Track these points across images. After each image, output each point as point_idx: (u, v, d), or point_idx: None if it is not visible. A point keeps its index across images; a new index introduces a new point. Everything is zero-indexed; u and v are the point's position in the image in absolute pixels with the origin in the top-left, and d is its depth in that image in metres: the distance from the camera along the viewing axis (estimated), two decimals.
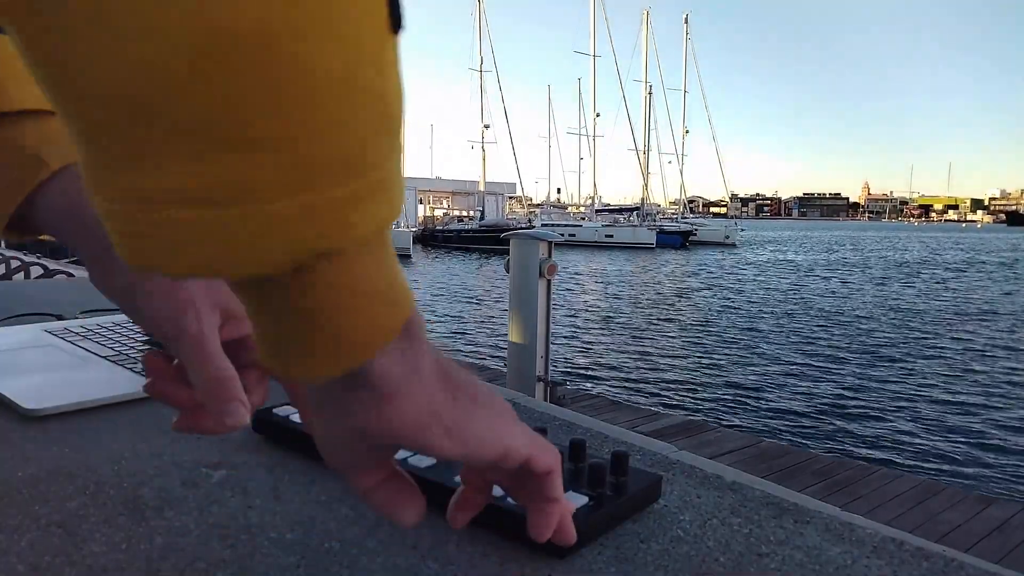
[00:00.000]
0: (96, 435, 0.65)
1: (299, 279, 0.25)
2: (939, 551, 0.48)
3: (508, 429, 0.35)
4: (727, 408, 6.73)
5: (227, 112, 0.20)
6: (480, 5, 42.42)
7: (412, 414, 0.31)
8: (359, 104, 0.22)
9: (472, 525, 0.49)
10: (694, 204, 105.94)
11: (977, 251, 41.11)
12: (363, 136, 0.23)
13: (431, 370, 0.32)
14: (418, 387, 0.31)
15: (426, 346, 0.32)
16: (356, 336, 0.27)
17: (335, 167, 0.22)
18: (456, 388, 0.33)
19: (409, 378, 0.31)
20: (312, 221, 0.23)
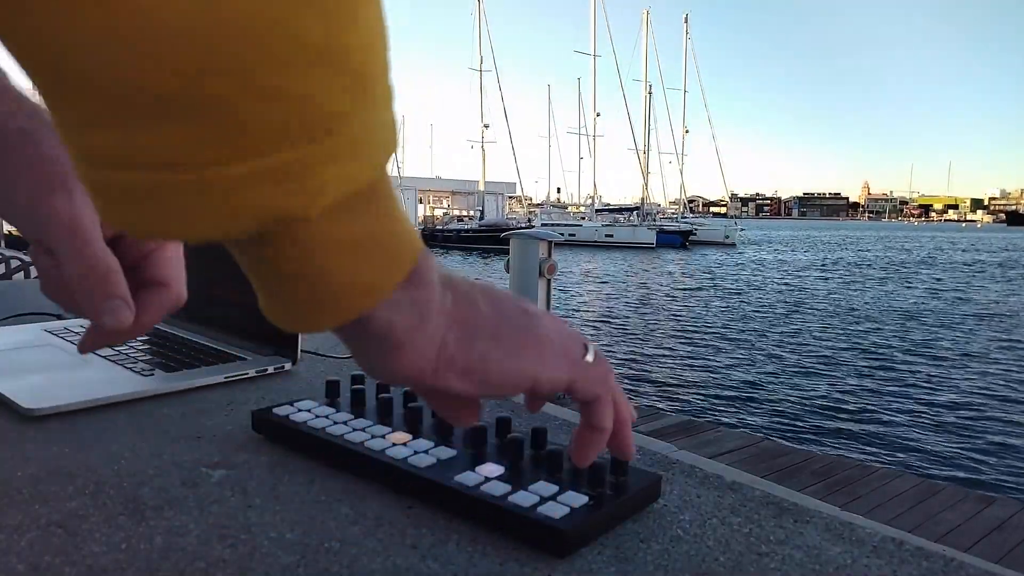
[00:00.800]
0: (96, 435, 0.65)
1: (276, 240, 0.25)
2: (939, 551, 0.48)
3: (537, 359, 0.35)
4: (727, 408, 6.73)
5: (167, 78, 0.20)
6: (480, 5, 42.42)
7: (420, 362, 0.31)
8: (315, 64, 0.21)
9: (472, 525, 0.49)
10: (694, 204, 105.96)
11: (977, 251, 41.13)
12: (321, 97, 0.22)
13: (442, 315, 0.31)
14: (424, 336, 0.31)
15: (435, 291, 0.31)
16: (347, 290, 0.27)
17: (289, 131, 0.22)
18: (474, 328, 0.33)
19: (415, 327, 0.30)
20: (266, 186, 0.22)
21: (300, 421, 0.63)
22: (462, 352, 0.32)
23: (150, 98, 0.20)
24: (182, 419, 0.70)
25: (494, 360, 0.33)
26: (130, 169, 0.22)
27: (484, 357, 0.33)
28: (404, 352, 0.31)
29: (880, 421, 6.37)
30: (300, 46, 0.21)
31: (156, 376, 0.81)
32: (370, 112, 0.24)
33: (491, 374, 0.33)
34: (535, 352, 0.35)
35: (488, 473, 0.52)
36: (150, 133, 0.21)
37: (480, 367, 0.33)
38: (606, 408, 0.38)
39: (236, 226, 0.23)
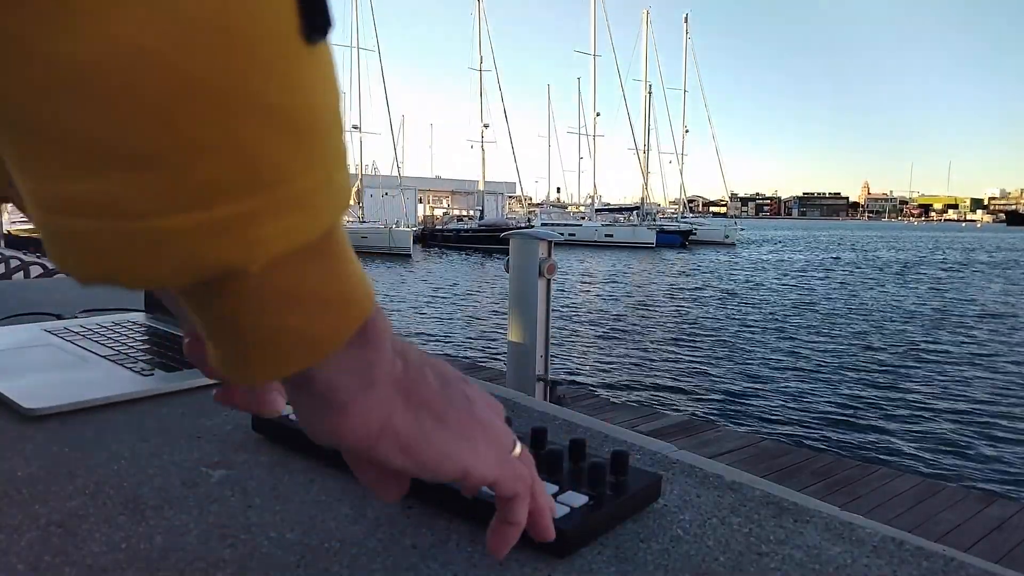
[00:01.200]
0: (96, 435, 0.65)
1: (220, 291, 0.25)
2: (939, 550, 0.48)
3: (473, 451, 0.34)
4: (727, 407, 6.73)
5: (109, 130, 0.20)
6: (480, 5, 42.41)
7: (363, 428, 0.30)
8: (255, 121, 0.22)
9: (472, 525, 0.49)
10: (694, 203, 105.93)
11: (977, 251, 41.12)
12: (262, 153, 0.22)
13: (389, 381, 0.31)
14: (371, 401, 0.30)
15: (385, 354, 0.31)
16: (291, 345, 0.27)
17: (230, 185, 0.22)
18: (420, 404, 0.33)
19: (361, 391, 0.30)
20: (208, 238, 0.22)
21: None
22: (406, 427, 0.32)
23: (94, 149, 0.20)
24: (182, 419, 0.70)
25: (436, 442, 0.33)
26: (76, 217, 0.22)
27: (427, 437, 0.32)
28: (347, 416, 0.30)
29: (880, 421, 6.37)
30: (245, 103, 0.21)
31: (156, 376, 0.81)
32: (317, 170, 0.24)
33: (430, 455, 0.33)
34: (473, 441, 0.35)
35: None
36: (95, 183, 0.21)
37: (422, 446, 0.32)
38: (522, 506, 0.39)
39: (176, 276, 0.23)
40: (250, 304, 0.25)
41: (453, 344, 9.78)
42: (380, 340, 0.30)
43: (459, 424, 0.34)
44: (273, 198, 0.23)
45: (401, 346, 0.33)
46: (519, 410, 0.77)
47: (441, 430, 0.33)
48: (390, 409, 0.31)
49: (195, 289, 0.25)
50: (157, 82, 0.20)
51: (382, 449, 0.31)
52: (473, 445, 0.35)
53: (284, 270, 0.25)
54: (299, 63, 0.22)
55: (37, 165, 0.21)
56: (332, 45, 0.24)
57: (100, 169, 0.21)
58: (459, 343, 9.90)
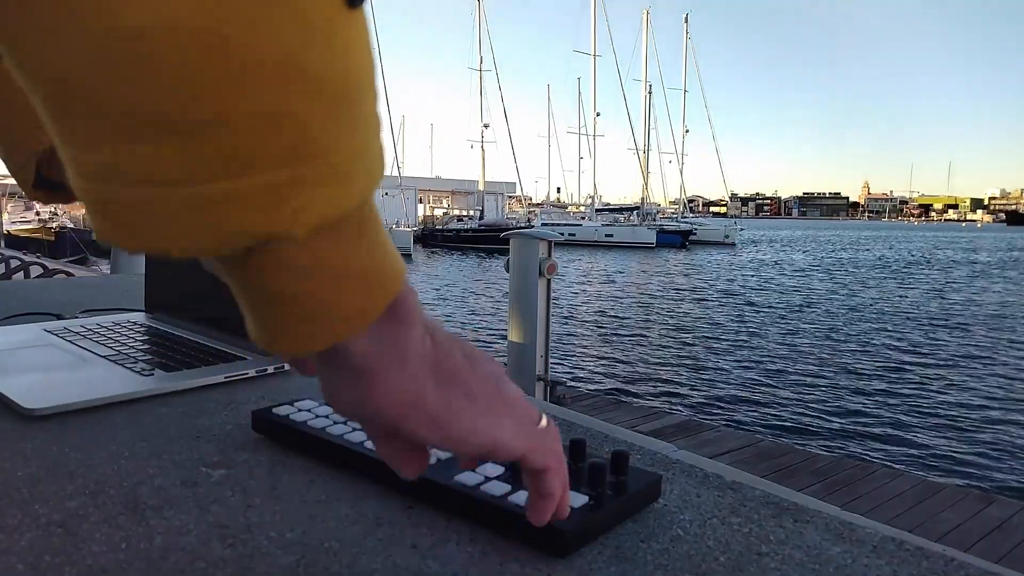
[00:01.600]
0: (96, 435, 0.65)
1: (259, 259, 0.25)
2: (939, 550, 0.48)
3: (501, 424, 0.35)
4: (727, 407, 6.73)
5: (158, 98, 0.20)
6: (480, 5, 42.40)
7: (393, 399, 0.31)
8: (301, 89, 0.22)
9: (472, 525, 0.49)
10: (694, 203, 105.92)
11: (977, 251, 41.12)
12: (306, 120, 0.22)
13: (420, 357, 0.31)
14: (401, 373, 0.30)
15: (416, 330, 0.31)
16: (326, 317, 0.27)
17: (275, 152, 0.22)
18: (450, 378, 0.33)
19: (392, 363, 0.30)
20: (252, 205, 0.22)
21: (300, 421, 0.63)
22: (436, 401, 0.32)
23: (144, 118, 0.21)
24: (182, 419, 0.70)
25: (465, 417, 0.33)
26: (122, 184, 0.22)
27: (456, 412, 0.33)
28: (380, 389, 0.30)
29: (880, 421, 6.37)
30: (290, 71, 0.21)
31: (156, 376, 0.81)
32: (356, 139, 0.24)
33: (460, 430, 0.33)
34: (502, 416, 0.35)
35: (488, 473, 0.52)
36: (142, 151, 0.21)
37: (451, 420, 0.33)
38: (555, 478, 0.39)
39: (221, 243, 0.23)
40: (288, 274, 0.26)
41: None
42: (411, 316, 0.31)
43: (487, 399, 0.34)
44: (315, 166, 0.23)
45: (430, 323, 0.33)
46: None
47: (470, 405, 0.33)
48: (421, 383, 0.31)
49: (235, 258, 0.25)
50: (197, 50, 0.20)
51: (412, 423, 0.32)
52: (501, 419, 0.35)
53: (322, 241, 0.25)
54: (341, 28, 0.23)
55: (84, 132, 0.21)
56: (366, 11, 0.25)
57: (147, 136, 0.21)
58: None
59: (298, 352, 0.28)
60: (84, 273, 4.33)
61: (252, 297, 0.27)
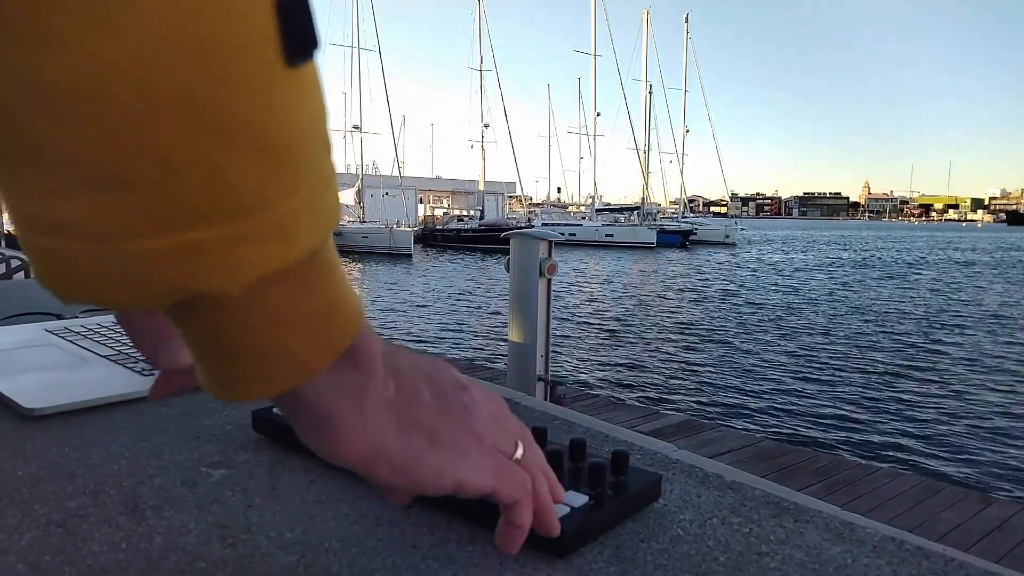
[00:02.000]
0: (96, 435, 0.65)
1: (204, 311, 0.25)
2: (939, 550, 0.48)
3: (467, 465, 0.34)
4: (727, 407, 6.73)
5: (87, 151, 0.20)
6: (480, 5, 42.39)
7: (355, 449, 0.31)
8: (234, 147, 0.22)
9: (472, 525, 0.49)
10: (694, 203, 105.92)
11: (978, 251, 41.12)
12: (240, 179, 0.22)
13: (381, 404, 0.31)
14: (360, 422, 0.30)
15: (375, 376, 0.31)
16: (275, 364, 0.27)
17: (207, 210, 0.22)
18: (413, 423, 0.33)
19: (350, 412, 0.30)
20: (185, 262, 0.22)
21: None
22: (398, 449, 0.32)
23: (67, 169, 0.20)
24: (182, 419, 0.70)
25: (428, 462, 0.33)
26: (53, 236, 0.22)
27: (419, 458, 0.33)
28: (339, 437, 0.30)
29: (881, 421, 6.37)
30: (220, 126, 0.21)
31: (156, 376, 0.81)
32: (299, 196, 0.24)
33: (423, 475, 0.33)
34: (468, 455, 0.35)
35: None
36: (69, 204, 0.21)
37: (414, 466, 0.32)
38: (525, 510, 0.39)
39: (156, 299, 0.23)
40: (232, 324, 0.25)
41: (454, 344, 9.78)
42: (370, 360, 0.31)
43: (453, 439, 0.34)
44: (252, 223, 0.23)
45: (393, 360, 0.33)
46: (519, 410, 0.77)
47: (434, 449, 0.33)
48: (382, 432, 0.31)
49: (178, 309, 0.25)
50: (129, 102, 0.20)
51: (377, 471, 0.32)
52: (468, 458, 0.35)
53: (266, 292, 0.25)
54: (279, 86, 0.22)
55: (14, 183, 0.21)
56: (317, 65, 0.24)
57: (73, 189, 0.21)
58: (459, 343, 9.90)
59: (249, 399, 0.28)
60: None
61: (200, 345, 0.27)
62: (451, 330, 10.96)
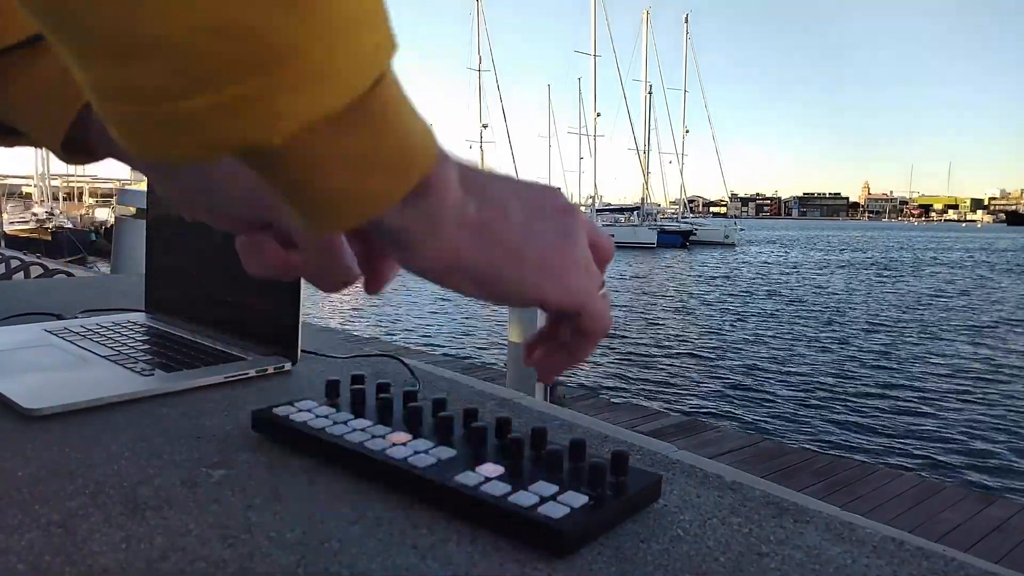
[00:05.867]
0: (96, 435, 0.65)
1: (262, 159, 0.26)
2: (939, 551, 0.48)
3: (553, 282, 0.35)
4: (727, 408, 6.73)
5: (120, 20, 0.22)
6: (479, 5, 42.41)
7: (430, 262, 0.32)
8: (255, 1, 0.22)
9: (472, 525, 0.49)
10: (694, 204, 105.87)
11: (978, 251, 41.12)
12: (265, 29, 0.22)
13: (457, 224, 0.32)
14: (434, 243, 0.32)
15: (450, 200, 0.31)
16: (343, 204, 0.28)
17: (238, 65, 0.23)
18: (496, 239, 0.33)
19: (424, 233, 0.31)
20: (224, 118, 0.24)
21: (300, 421, 0.63)
22: (478, 261, 0.33)
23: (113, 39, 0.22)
24: (182, 419, 0.70)
25: (509, 277, 0.34)
26: (115, 101, 0.24)
27: (499, 271, 0.34)
28: (414, 253, 0.32)
29: (881, 421, 6.37)
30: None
31: (156, 376, 0.81)
32: (331, 39, 0.24)
33: (503, 288, 0.34)
34: (556, 276, 0.35)
35: (488, 473, 0.52)
36: (118, 71, 0.23)
37: (493, 279, 0.34)
38: (592, 344, 0.39)
39: (208, 151, 0.25)
40: (293, 171, 0.27)
41: (453, 344, 9.78)
42: (444, 188, 0.31)
43: (542, 259, 0.35)
44: (285, 74, 0.23)
45: (481, 183, 0.33)
46: (519, 410, 0.77)
47: (517, 265, 0.34)
48: (457, 249, 0.32)
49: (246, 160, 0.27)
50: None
51: (454, 281, 0.34)
52: (555, 278, 0.35)
53: (317, 138, 0.26)
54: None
55: (78, 57, 0.24)
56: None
57: (121, 57, 0.23)
58: (459, 343, 9.90)
59: (330, 232, 0.30)
60: (84, 273, 4.33)
61: (274, 188, 0.29)
62: (451, 330, 10.95)
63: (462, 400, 0.80)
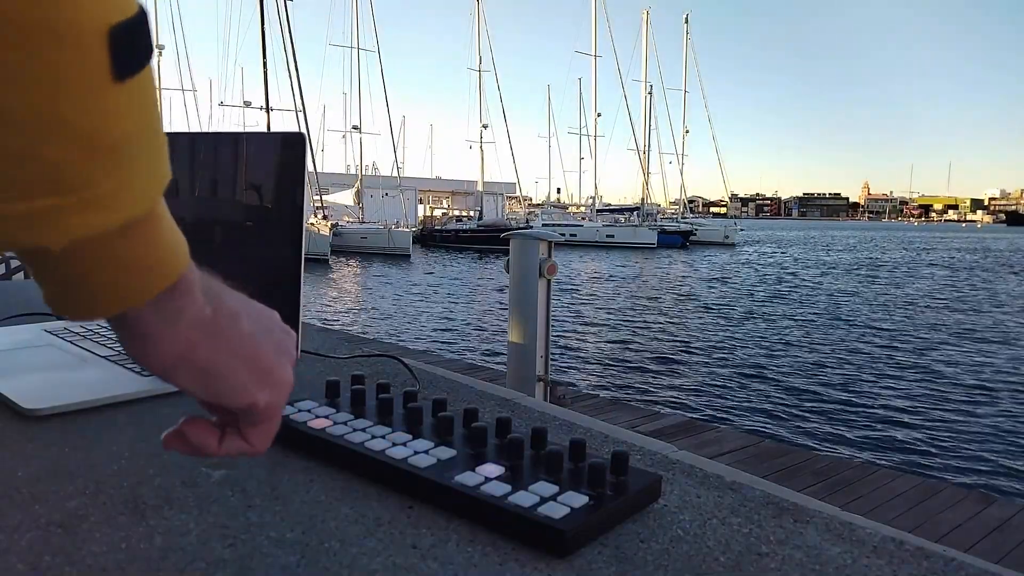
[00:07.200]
0: (96, 435, 0.65)
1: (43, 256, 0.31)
2: (939, 551, 0.48)
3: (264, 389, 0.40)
4: (727, 407, 6.73)
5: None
6: (479, 5, 42.39)
7: (162, 354, 0.37)
8: (60, 139, 0.27)
9: (472, 525, 0.49)
10: (694, 204, 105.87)
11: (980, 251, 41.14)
12: (64, 163, 0.28)
13: (194, 320, 0.37)
14: (171, 333, 0.36)
15: (191, 301, 0.37)
16: (103, 296, 0.33)
17: (36, 186, 0.28)
18: (225, 342, 0.38)
19: (163, 326, 0.36)
20: (17, 224, 0.28)
21: (300, 421, 0.63)
22: (204, 357, 0.38)
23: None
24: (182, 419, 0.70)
25: (231, 376, 0.39)
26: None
27: (223, 369, 0.38)
28: (150, 344, 0.36)
29: (881, 421, 6.37)
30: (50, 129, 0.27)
31: (156, 376, 0.81)
32: (118, 177, 0.30)
33: (222, 386, 0.39)
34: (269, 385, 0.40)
35: (488, 473, 0.52)
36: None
37: (216, 376, 0.38)
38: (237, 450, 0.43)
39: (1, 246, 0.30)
40: (66, 267, 0.32)
41: (453, 344, 9.78)
42: (188, 291, 0.37)
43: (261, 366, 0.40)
44: (76, 198, 0.29)
45: (218, 294, 0.39)
46: (519, 410, 0.77)
47: (240, 366, 0.39)
48: (191, 343, 0.37)
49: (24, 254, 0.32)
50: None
51: (180, 375, 0.38)
52: (268, 386, 0.40)
53: (93, 246, 0.31)
54: (108, 96, 0.28)
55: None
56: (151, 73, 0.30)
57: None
58: (459, 343, 9.90)
59: (84, 318, 0.34)
60: None
61: (41, 277, 0.33)
62: (450, 330, 10.96)
63: (462, 400, 0.80)
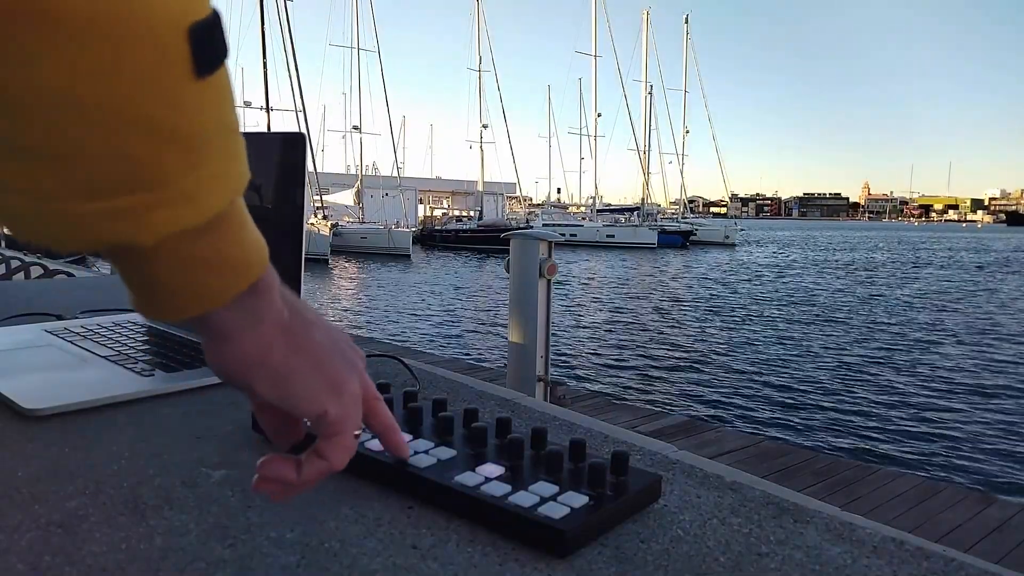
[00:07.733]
0: (96, 435, 0.65)
1: (129, 254, 0.32)
2: (939, 551, 0.48)
3: (338, 401, 0.40)
4: (727, 408, 6.73)
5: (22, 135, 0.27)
6: (478, 5, 42.38)
7: (240, 356, 0.37)
8: (147, 137, 0.28)
9: (472, 525, 0.49)
10: (694, 204, 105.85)
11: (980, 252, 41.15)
12: (151, 160, 0.28)
13: (274, 326, 0.37)
14: (250, 336, 0.37)
15: (273, 304, 0.37)
16: (187, 296, 0.34)
17: (126, 182, 0.29)
18: (300, 347, 0.38)
19: (243, 329, 0.36)
20: (106, 221, 0.29)
21: None
22: (280, 361, 0.38)
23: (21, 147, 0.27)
24: (182, 419, 0.70)
25: (303, 383, 0.39)
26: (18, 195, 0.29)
27: (297, 375, 0.38)
28: (227, 345, 0.36)
29: (881, 421, 6.37)
30: (135, 125, 0.28)
31: (156, 376, 0.81)
32: (204, 171, 0.30)
33: (294, 391, 0.38)
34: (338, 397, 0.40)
35: (488, 473, 0.52)
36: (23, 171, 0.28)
37: (290, 382, 0.38)
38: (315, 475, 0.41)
39: (90, 246, 0.30)
40: (152, 265, 0.32)
41: (453, 344, 9.78)
42: (269, 292, 0.37)
43: (331, 377, 0.40)
44: (161, 194, 0.29)
45: (293, 301, 0.39)
46: (519, 410, 0.77)
47: (312, 374, 0.39)
48: (269, 345, 0.37)
49: (110, 252, 0.32)
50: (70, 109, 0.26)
51: (255, 377, 0.37)
52: (341, 396, 0.40)
53: (178, 243, 0.32)
54: (189, 92, 0.29)
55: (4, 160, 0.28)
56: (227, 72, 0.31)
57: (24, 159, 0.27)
58: (459, 343, 9.90)
59: (166, 320, 0.34)
60: (84, 273, 4.33)
61: (128, 278, 0.34)
62: (450, 331, 10.95)
63: (462, 400, 0.80)
